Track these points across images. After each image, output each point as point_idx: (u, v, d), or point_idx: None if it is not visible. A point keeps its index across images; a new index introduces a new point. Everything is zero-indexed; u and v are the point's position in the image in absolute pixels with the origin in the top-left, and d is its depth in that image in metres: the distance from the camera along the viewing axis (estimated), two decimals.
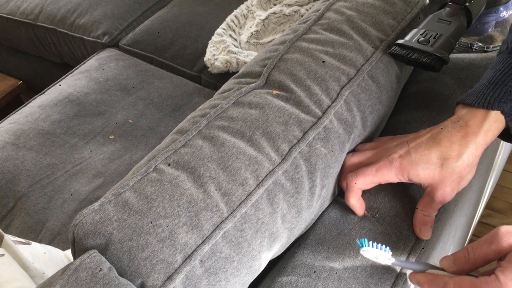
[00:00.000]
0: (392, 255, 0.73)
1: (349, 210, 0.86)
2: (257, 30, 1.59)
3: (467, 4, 0.89)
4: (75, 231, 0.64)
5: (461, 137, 0.74)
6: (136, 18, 1.85)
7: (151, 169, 0.69)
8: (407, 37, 0.86)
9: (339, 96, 0.79)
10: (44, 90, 1.57)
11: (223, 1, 1.81)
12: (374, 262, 0.79)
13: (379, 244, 0.72)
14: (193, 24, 1.72)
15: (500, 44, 1.06)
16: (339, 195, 0.89)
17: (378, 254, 0.72)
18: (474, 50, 1.09)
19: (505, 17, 1.03)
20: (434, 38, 0.85)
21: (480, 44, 1.08)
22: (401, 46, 0.85)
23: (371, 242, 0.72)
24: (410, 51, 0.84)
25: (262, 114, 0.74)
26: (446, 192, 0.76)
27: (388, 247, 0.73)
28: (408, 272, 0.77)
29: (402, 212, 0.85)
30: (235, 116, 0.74)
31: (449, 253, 0.72)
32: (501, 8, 1.02)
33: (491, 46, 1.08)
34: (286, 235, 0.74)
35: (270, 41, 1.56)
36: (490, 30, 1.08)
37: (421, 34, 0.86)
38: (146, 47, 1.71)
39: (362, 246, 0.72)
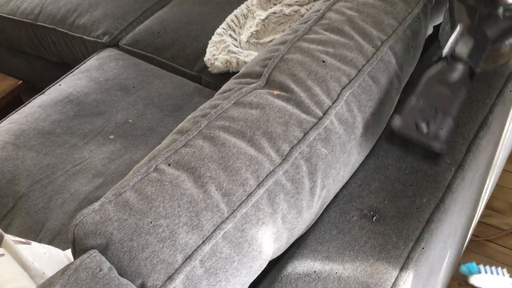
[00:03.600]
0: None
1: (348, 209, 0.86)
2: (257, 30, 1.59)
3: (469, 62, 0.82)
4: (75, 231, 0.64)
5: None
6: (136, 18, 1.85)
7: (152, 169, 0.69)
8: (405, 117, 0.80)
9: (339, 96, 0.79)
10: (44, 90, 1.57)
11: (223, 1, 1.81)
12: (374, 263, 0.79)
13: (493, 268, 0.62)
14: (193, 24, 1.72)
15: (501, 64, 1.02)
16: (340, 195, 0.89)
17: (494, 280, 0.62)
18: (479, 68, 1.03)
19: None
20: (434, 118, 0.79)
21: (481, 64, 1.00)
22: (397, 134, 0.80)
23: (481, 266, 0.62)
24: (407, 142, 0.80)
25: (263, 114, 0.74)
26: None
27: (504, 269, 0.63)
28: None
29: (402, 212, 0.85)
30: (235, 116, 0.74)
31: (450, 252, 0.72)
32: (509, 38, 0.94)
33: (492, 66, 1.01)
34: (286, 235, 0.74)
35: (270, 41, 1.56)
36: (493, 53, 0.99)
37: (419, 112, 0.80)
38: (146, 47, 1.71)
39: (471, 272, 0.62)
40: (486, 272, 0.63)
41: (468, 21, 0.84)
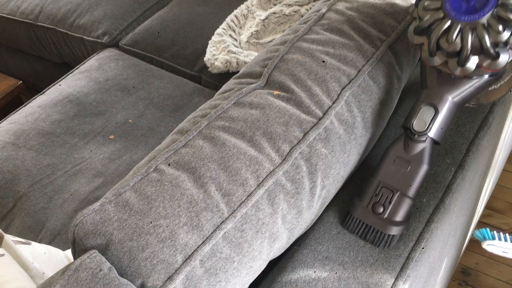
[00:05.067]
0: None
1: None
2: (257, 30, 1.59)
3: (429, 136, 0.79)
4: (75, 231, 0.64)
5: None
6: (136, 18, 1.85)
7: (152, 169, 0.69)
8: (362, 200, 0.81)
9: (339, 96, 0.79)
10: (44, 90, 1.57)
11: (223, 1, 1.81)
12: (374, 263, 0.79)
13: (506, 235, 0.63)
14: (193, 24, 1.72)
15: (494, 100, 0.99)
16: (339, 195, 0.89)
17: (508, 247, 0.63)
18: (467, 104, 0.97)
19: (496, 87, 0.87)
20: (389, 201, 0.79)
21: (473, 103, 0.96)
22: (353, 218, 0.81)
23: (495, 232, 0.63)
24: (362, 227, 0.80)
25: (263, 114, 0.74)
26: None
27: None
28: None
29: None
30: (235, 116, 0.74)
31: (450, 253, 0.72)
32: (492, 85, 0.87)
33: (486, 102, 0.96)
34: (286, 236, 0.74)
35: (270, 41, 1.56)
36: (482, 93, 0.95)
37: (376, 195, 0.80)
38: (146, 47, 1.71)
39: (485, 238, 0.63)
40: (500, 238, 0.62)
41: (435, 85, 0.81)
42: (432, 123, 0.79)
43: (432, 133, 0.79)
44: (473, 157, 0.94)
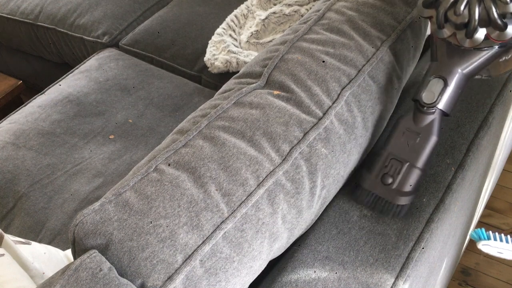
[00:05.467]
0: None
1: (348, 209, 0.86)
2: (257, 30, 1.59)
3: (438, 107, 0.80)
4: (75, 231, 0.64)
5: None
6: (136, 18, 1.85)
7: (152, 169, 0.69)
8: (371, 172, 0.81)
9: (339, 96, 0.79)
10: (44, 90, 1.57)
11: (223, 1, 1.81)
12: (374, 263, 0.79)
13: (502, 235, 0.63)
14: (193, 24, 1.72)
15: (504, 72, 1.00)
16: (339, 195, 0.89)
17: (503, 248, 0.63)
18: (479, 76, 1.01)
19: (507, 58, 0.90)
20: (398, 172, 0.79)
21: (485, 75, 0.97)
22: (363, 190, 0.82)
23: (490, 232, 0.63)
24: (372, 198, 0.81)
25: (263, 114, 0.74)
26: None
27: None
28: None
29: None
30: (235, 116, 0.74)
31: (450, 253, 0.72)
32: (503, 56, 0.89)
33: (497, 74, 0.98)
34: (286, 235, 0.74)
35: (270, 41, 1.56)
36: (490, 66, 0.98)
37: (385, 166, 0.80)
38: (146, 47, 1.71)
39: (481, 239, 0.63)
40: (495, 238, 0.62)
41: (445, 58, 0.81)
42: (442, 95, 0.79)
43: (441, 105, 0.80)
44: (473, 157, 0.94)
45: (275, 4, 1.70)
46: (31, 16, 1.92)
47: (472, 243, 1.66)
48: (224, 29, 1.63)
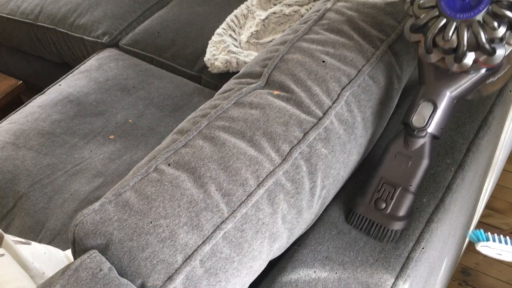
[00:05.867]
0: None
1: (348, 209, 0.86)
2: (257, 30, 1.59)
3: (428, 131, 0.80)
4: (75, 231, 0.64)
5: None
6: (136, 18, 1.85)
7: (152, 169, 0.69)
8: (365, 197, 0.82)
9: (339, 96, 0.79)
10: (44, 90, 1.57)
11: (223, 1, 1.81)
12: (374, 263, 0.79)
13: (501, 236, 0.62)
14: (193, 24, 1.72)
15: (493, 92, 1.00)
16: (339, 195, 0.89)
17: (502, 249, 0.62)
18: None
19: (499, 77, 0.90)
20: (391, 197, 0.79)
21: (472, 97, 1.00)
22: (357, 215, 0.82)
23: (489, 234, 0.63)
24: (366, 223, 0.81)
25: (263, 114, 0.74)
26: None
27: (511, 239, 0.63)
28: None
29: None
30: (235, 116, 0.74)
31: (450, 253, 0.72)
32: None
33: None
34: (286, 236, 0.74)
35: (270, 41, 1.56)
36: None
37: (378, 191, 0.81)
38: (146, 47, 1.71)
39: (479, 240, 0.62)
40: (494, 240, 0.61)
41: (433, 81, 0.81)
42: (432, 118, 0.79)
43: (431, 129, 0.80)
44: (473, 157, 0.94)
45: (275, 4, 1.70)
46: (31, 16, 1.92)
47: (472, 243, 1.66)
48: (224, 29, 1.63)
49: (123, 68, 1.60)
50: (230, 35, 1.62)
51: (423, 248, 0.82)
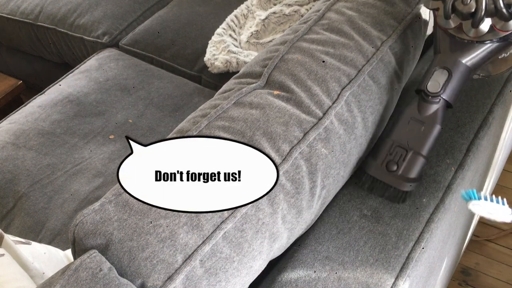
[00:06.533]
0: None
1: (348, 209, 0.86)
2: (257, 30, 1.59)
3: (442, 97, 0.82)
4: (75, 231, 0.64)
5: None
6: (136, 18, 1.85)
7: None
8: (376, 159, 0.82)
9: (339, 96, 0.79)
10: (44, 90, 1.57)
11: (223, 1, 1.81)
12: (374, 263, 0.79)
13: (493, 196, 0.62)
14: (193, 24, 1.72)
15: (503, 71, 1.00)
16: (339, 195, 0.89)
17: (493, 208, 0.62)
18: (477, 76, 1.01)
19: (506, 55, 0.91)
20: (403, 159, 0.80)
21: (482, 74, 1.00)
22: (368, 176, 0.83)
23: (481, 193, 0.63)
24: (377, 185, 0.83)
25: (263, 114, 0.74)
26: None
27: (504, 199, 0.62)
28: None
29: (402, 212, 0.85)
30: (235, 116, 0.74)
31: (450, 253, 0.72)
32: (502, 53, 0.90)
33: (494, 74, 1.00)
34: (286, 235, 0.74)
35: (270, 41, 1.56)
36: (488, 65, 0.98)
37: (390, 154, 0.82)
38: (146, 47, 1.71)
39: (471, 198, 0.63)
40: (486, 199, 0.61)
41: (448, 50, 0.84)
42: (446, 85, 0.82)
43: (445, 95, 0.82)
44: (473, 157, 0.94)
45: (275, 4, 1.70)
46: (31, 16, 1.92)
47: (472, 243, 1.66)
48: (224, 29, 1.63)
49: (123, 68, 1.60)
50: (230, 35, 1.62)
51: (423, 248, 0.82)
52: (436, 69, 0.83)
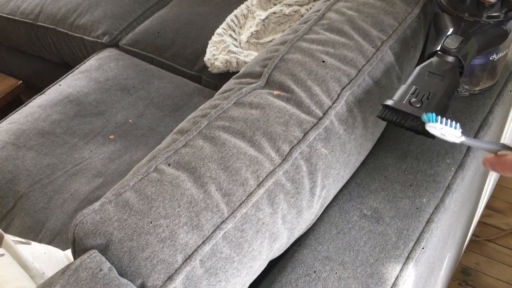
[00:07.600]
0: (462, 132, 0.64)
1: (348, 209, 0.86)
2: (257, 30, 1.59)
3: (458, 55, 0.82)
4: (75, 231, 0.64)
5: None
6: (136, 18, 1.85)
7: (152, 169, 0.69)
8: (397, 97, 0.78)
9: (339, 96, 0.79)
10: (44, 90, 1.57)
11: (223, 1, 1.81)
12: (374, 263, 0.79)
13: (448, 120, 0.64)
14: (193, 24, 1.72)
15: (487, 86, 1.02)
16: (339, 195, 0.89)
17: (446, 131, 0.64)
18: (460, 93, 1.02)
19: (495, 59, 0.95)
20: (428, 98, 0.78)
21: (466, 86, 1.02)
22: (391, 109, 0.78)
23: (439, 117, 0.65)
24: (402, 116, 0.77)
25: (263, 114, 0.74)
26: None
27: (458, 124, 0.64)
28: None
29: (402, 212, 0.85)
30: (235, 116, 0.74)
31: (450, 253, 0.73)
32: (493, 52, 0.94)
33: (477, 88, 1.02)
34: (286, 235, 0.74)
35: (270, 41, 1.56)
36: (477, 72, 0.99)
37: (412, 94, 0.78)
38: (146, 47, 1.71)
39: (429, 121, 0.65)
40: (442, 122, 0.63)
41: (455, 26, 0.86)
42: (461, 46, 0.83)
43: (461, 53, 0.83)
44: (473, 157, 0.94)
45: (275, 4, 1.70)
46: (31, 16, 1.92)
47: (472, 243, 1.66)
48: (224, 29, 1.63)
49: (123, 68, 1.60)
50: (230, 35, 1.62)
51: (423, 248, 0.82)
52: (449, 34, 0.85)
